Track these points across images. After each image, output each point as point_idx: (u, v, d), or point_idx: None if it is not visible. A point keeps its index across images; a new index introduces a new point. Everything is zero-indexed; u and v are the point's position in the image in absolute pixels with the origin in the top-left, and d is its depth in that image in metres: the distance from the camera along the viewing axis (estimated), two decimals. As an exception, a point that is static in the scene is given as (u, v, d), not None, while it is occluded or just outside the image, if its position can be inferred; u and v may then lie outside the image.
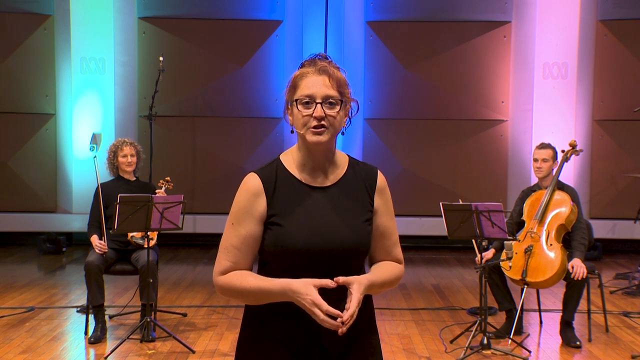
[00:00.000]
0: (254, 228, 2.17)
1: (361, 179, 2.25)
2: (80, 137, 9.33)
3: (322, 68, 2.17)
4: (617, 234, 9.28)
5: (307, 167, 2.22)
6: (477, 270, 5.24)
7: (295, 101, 2.17)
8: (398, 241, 2.32)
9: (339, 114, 2.17)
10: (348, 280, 2.10)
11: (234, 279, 2.16)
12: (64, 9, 9.33)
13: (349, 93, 2.21)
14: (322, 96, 2.15)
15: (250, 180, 2.20)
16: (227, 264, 2.19)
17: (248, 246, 2.18)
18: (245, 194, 2.19)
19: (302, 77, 2.18)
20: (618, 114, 9.23)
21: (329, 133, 2.15)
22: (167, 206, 5.28)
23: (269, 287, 2.12)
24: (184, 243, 9.63)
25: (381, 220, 2.26)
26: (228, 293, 2.19)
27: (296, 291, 2.07)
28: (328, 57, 2.23)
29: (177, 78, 9.19)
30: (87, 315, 5.68)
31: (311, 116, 2.14)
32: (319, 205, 2.19)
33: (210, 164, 9.53)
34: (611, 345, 5.44)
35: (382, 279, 2.22)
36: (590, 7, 9.23)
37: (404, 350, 5.26)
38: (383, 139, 9.48)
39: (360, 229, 2.20)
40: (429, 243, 9.55)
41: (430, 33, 9.42)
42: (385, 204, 2.28)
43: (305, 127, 2.15)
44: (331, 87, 2.16)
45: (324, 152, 2.20)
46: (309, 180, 2.21)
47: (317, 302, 2.04)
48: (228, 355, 5.11)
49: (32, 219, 9.52)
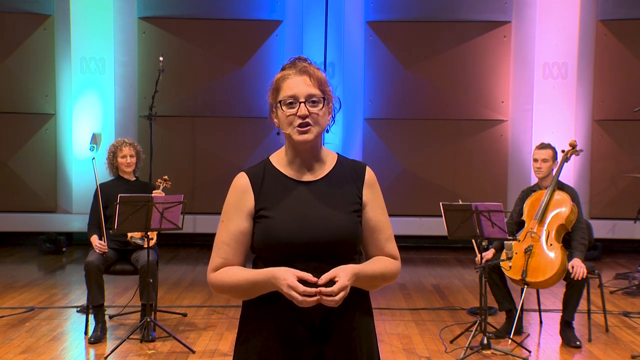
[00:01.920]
0: (242, 223, 2.24)
1: (349, 174, 2.30)
2: (80, 137, 9.33)
3: (303, 68, 2.24)
4: (617, 234, 9.28)
5: (294, 164, 2.28)
6: (477, 270, 5.24)
7: (279, 102, 2.23)
8: (392, 237, 2.34)
9: (322, 111, 2.23)
10: (332, 274, 2.11)
11: (223, 275, 2.22)
12: (64, 9, 9.33)
13: (330, 91, 2.27)
14: (305, 95, 2.21)
15: (238, 178, 2.30)
16: (218, 260, 2.24)
17: (237, 242, 2.23)
18: (233, 192, 2.28)
19: (284, 78, 2.24)
20: (618, 114, 9.23)
21: (315, 131, 2.22)
22: (167, 206, 5.28)
23: (255, 278, 2.17)
24: (184, 243, 9.63)
25: (371, 214, 2.29)
26: (220, 289, 2.24)
27: (276, 277, 2.11)
28: (307, 59, 2.28)
29: (177, 78, 9.19)
30: (87, 315, 5.68)
31: (295, 115, 2.20)
32: (306, 198, 2.24)
33: (210, 164, 9.53)
34: (611, 345, 5.44)
35: (372, 270, 2.23)
36: (590, 7, 9.23)
37: (404, 350, 5.26)
38: (383, 139, 9.48)
39: (347, 219, 2.22)
40: (429, 243, 9.55)
41: (430, 33, 9.42)
42: (375, 197, 2.31)
43: (291, 127, 2.21)
44: (312, 85, 2.22)
45: (311, 150, 2.26)
46: (296, 175, 2.27)
47: (292, 285, 2.08)
48: (228, 355, 5.11)
49: (32, 219, 9.52)
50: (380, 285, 2.28)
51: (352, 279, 2.14)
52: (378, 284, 2.26)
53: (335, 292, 2.08)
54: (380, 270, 2.26)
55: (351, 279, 2.13)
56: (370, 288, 2.27)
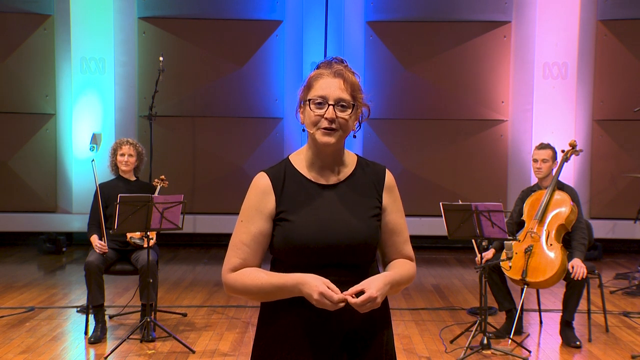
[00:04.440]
0: (263, 225, 2.21)
1: (369, 177, 2.29)
2: (80, 137, 9.34)
3: (338, 71, 2.22)
4: (617, 234, 9.28)
5: (315, 166, 2.26)
6: (477, 270, 5.24)
7: (309, 100, 2.21)
8: (409, 239, 2.35)
9: (350, 117, 2.22)
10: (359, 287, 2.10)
11: (243, 276, 2.19)
12: (64, 9, 9.33)
13: (362, 98, 2.25)
14: (335, 98, 2.19)
15: (259, 179, 2.26)
16: (236, 261, 2.22)
17: (257, 243, 2.21)
18: (254, 192, 2.24)
19: (318, 78, 2.22)
20: (618, 114, 9.23)
21: (339, 135, 2.21)
22: (167, 206, 5.28)
23: (281, 282, 2.14)
24: (184, 243, 9.63)
25: (390, 217, 2.29)
26: (238, 290, 2.21)
27: (306, 283, 2.09)
28: (344, 61, 2.27)
29: (177, 78, 9.19)
30: (87, 315, 5.68)
31: (322, 117, 2.19)
32: (327, 202, 2.23)
33: (210, 164, 9.53)
34: (611, 345, 5.44)
35: (400, 276, 2.24)
36: (590, 7, 9.23)
37: (404, 350, 5.26)
38: (383, 139, 9.48)
39: (367, 223, 2.22)
40: (429, 243, 9.56)
41: (430, 33, 9.42)
42: (394, 201, 2.31)
43: (316, 127, 2.20)
44: (345, 90, 2.20)
45: (333, 152, 2.25)
46: (317, 178, 2.26)
47: (326, 293, 2.06)
48: (228, 355, 5.11)
49: (32, 219, 9.52)
50: (402, 288, 2.29)
51: (384, 289, 2.13)
52: (401, 288, 2.28)
53: (359, 304, 2.08)
54: (405, 274, 2.27)
55: (382, 289, 2.12)
56: (394, 293, 2.26)
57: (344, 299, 2.07)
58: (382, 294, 2.12)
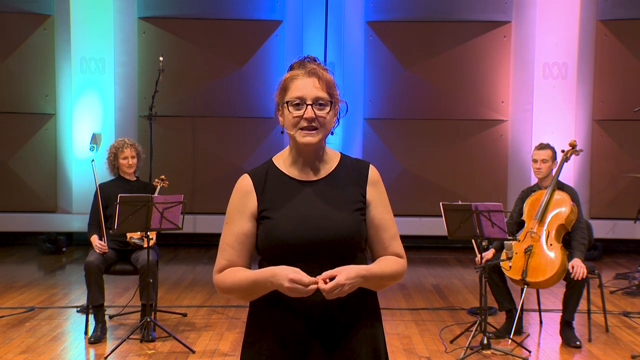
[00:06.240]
0: (245, 225, 2.24)
1: (352, 173, 2.30)
2: (80, 137, 9.34)
3: (312, 70, 2.23)
4: (617, 234, 9.28)
5: (297, 164, 2.28)
6: (477, 270, 5.24)
7: (286, 103, 2.22)
8: (397, 235, 2.33)
9: (328, 114, 2.23)
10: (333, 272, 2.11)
11: (226, 276, 2.23)
12: (64, 9, 9.33)
13: (338, 94, 2.27)
14: (312, 98, 2.21)
15: (241, 180, 2.29)
16: (223, 262, 2.25)
17: (241, 243, 2.24)
18: (237, 194, 2.28)
19: (292, 79, 2.23)
20: (618, 114, 9.23)
21: (320, 134, 2.22)
22: (167, 206, 5.28)
23: (255, 277, 2.17)
24: (184, 243, 9.63)
25: (376, 212, 2.28)
26: (224, 290, 2.25)
27: (276, 274, 2.11)
28: (317, 60, 2.28)
29: (177, 78, 9.19)
30: (87, 315, 5.68)
31: (302, 117, 2.20)
32: (309, 198, 2.24)
33: (210, 164, 9.53)
34: (611, 345, 5.44)
35: (380, 271, 2.23)
36: (590, 7, 9.23)
37: (404, 350, 5.26)
38: (383, 139, 9.48)
39: (350, 218, 2.22)
40: (429, 243, 9.55)
41: (430, 33, 9.42)
42: (378, 196, 2.30)
43: (296, 128, 2.22)
44: (320, 88, 2.22)
45: (314, 151, 2.27)
46: (299, 175, 2.27)
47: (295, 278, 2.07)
48: (228, 355, 5.11)
49: (32, 219, 9.52)
50: (388, 285, 2.28)
51: (355, 280, 2.13)
52: (385, 284, 2.26)
53: (327, 290, 2.08)
54: (387, 270, 2.25)
55: (353, 279, 2.12)
56: (377, 288, 2.26)
57: (315, 281, 2.08)
58: (351, 284, 2.11)
